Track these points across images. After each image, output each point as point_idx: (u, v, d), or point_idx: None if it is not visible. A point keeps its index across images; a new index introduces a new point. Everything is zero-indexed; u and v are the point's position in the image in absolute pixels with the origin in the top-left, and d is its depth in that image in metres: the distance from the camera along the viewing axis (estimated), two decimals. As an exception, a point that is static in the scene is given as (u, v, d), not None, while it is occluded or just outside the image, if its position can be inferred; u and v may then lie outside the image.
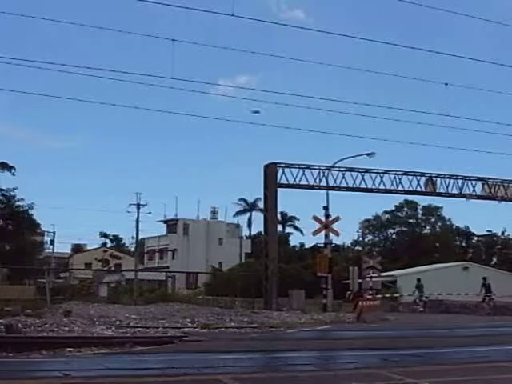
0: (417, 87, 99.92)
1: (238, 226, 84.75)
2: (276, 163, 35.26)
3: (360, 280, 31.94)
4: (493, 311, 33.85)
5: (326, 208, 34.13)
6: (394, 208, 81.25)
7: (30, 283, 44.55)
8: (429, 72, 57.03)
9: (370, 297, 29.15)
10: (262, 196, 38.19)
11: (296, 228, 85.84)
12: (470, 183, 38.43)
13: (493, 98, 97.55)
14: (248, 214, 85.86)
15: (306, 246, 76.95)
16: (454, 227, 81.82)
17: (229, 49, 57.92)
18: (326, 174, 35.60)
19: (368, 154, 35.73)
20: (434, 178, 37.99)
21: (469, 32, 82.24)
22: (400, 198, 72.32)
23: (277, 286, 33.93)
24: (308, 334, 19.73)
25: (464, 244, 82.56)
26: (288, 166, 35.28)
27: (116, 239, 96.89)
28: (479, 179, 38.89)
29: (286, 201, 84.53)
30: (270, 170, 34.93)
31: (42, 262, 57.54)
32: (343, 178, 36.09)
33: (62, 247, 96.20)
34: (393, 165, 77.84)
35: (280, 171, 34.99)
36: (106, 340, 14.58)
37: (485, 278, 35.68)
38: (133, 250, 77.26)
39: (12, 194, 49.86)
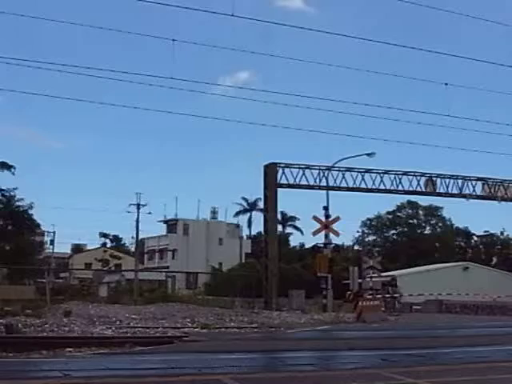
0: (417, 87, 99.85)
1: (238, 225, 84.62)
2: (276, 163, 35.26)
3: (360, 280, 31.95)
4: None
5: (326, 208, 34.09)
6: (395, 208, 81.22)
7: (30, 283, 44.47)
8: (429, 72, 57.13)
9: (370, 297, 29.15)
10: (262, 196, 38.23)
11: (296, 228, 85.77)
12: (470, 183, 38.45)
13: (493, 98, 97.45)
14: (248, 214, 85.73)
15: (306, 246, 76.80)
16: (454, 227, 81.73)
17: (229, 49, 58.10)
18: (326, 174, 35.61)
19: (368, 154, 35.71)
20: (434, 178, 38.00)
21: (469, 32, 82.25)
22: (401, 198, 72.26)
23: (277, 286, 33.93)
24: (308, 334, 19.72)
25: (464, 244, 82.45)
26: (288, 166, 35.29)
27: (116, 239, 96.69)
28: (479, 179, 38.89)
29: (286, 201, 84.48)
30: (270, 170, 34.94)
31: (42, 262, 57.38)
32: (343, 178, 36.14)
33: (62, 247, 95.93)
34: (393, 165, 78.07)
35: (280, 171, 35.01)
36: (105, 340, 14.59)
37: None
38: (133, 249, 77.15)
39: (12, 193, 49.86)
